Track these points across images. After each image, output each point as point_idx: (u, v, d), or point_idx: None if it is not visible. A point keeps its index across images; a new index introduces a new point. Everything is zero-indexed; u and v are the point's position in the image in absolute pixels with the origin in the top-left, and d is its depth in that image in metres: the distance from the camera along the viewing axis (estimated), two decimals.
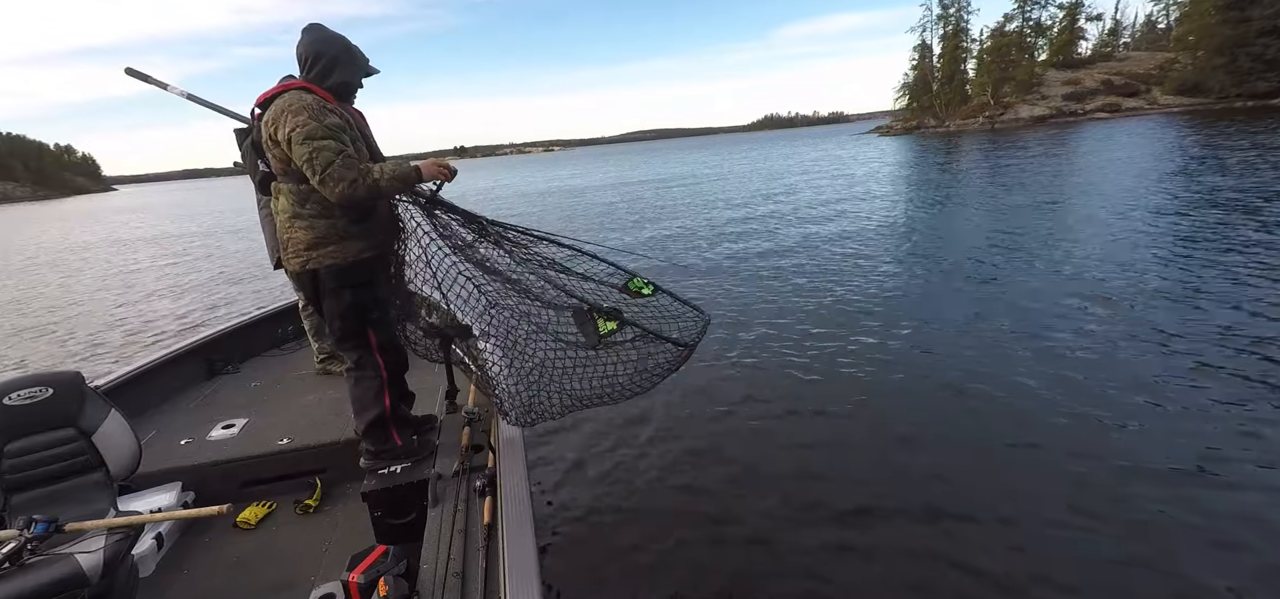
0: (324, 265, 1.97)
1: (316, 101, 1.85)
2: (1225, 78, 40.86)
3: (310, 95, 1.87)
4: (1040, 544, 2.71)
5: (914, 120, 59.35)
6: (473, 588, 1.62)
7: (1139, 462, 3.22)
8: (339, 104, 1.95)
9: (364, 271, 2.03)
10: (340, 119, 1.87)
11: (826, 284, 7.34)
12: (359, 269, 2.01)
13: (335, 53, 1.98)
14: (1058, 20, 54.67)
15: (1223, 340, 4.61)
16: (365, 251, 2.01)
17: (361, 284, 2.04)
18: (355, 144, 1.89)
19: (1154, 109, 44.51)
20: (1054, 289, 6.28)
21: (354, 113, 2.05)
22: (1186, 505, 2.86)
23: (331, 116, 1.84)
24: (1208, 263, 6.62)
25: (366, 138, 2.06)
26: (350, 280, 2.01)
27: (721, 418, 4.19)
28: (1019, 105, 49.45)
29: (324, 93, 1.92)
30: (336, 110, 1.90)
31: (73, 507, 1.81)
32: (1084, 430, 3.59)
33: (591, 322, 2.00)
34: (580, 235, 2.36)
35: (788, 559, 2.77)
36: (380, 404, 2.15)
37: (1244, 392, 3.82)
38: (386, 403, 2.16)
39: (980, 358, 4.75)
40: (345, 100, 2.04)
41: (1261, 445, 3.25)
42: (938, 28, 59.58)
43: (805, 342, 5.45)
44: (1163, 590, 2.43)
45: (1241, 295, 5.52)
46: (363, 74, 2.08)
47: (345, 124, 1.88)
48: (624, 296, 2.13)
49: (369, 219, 2.01)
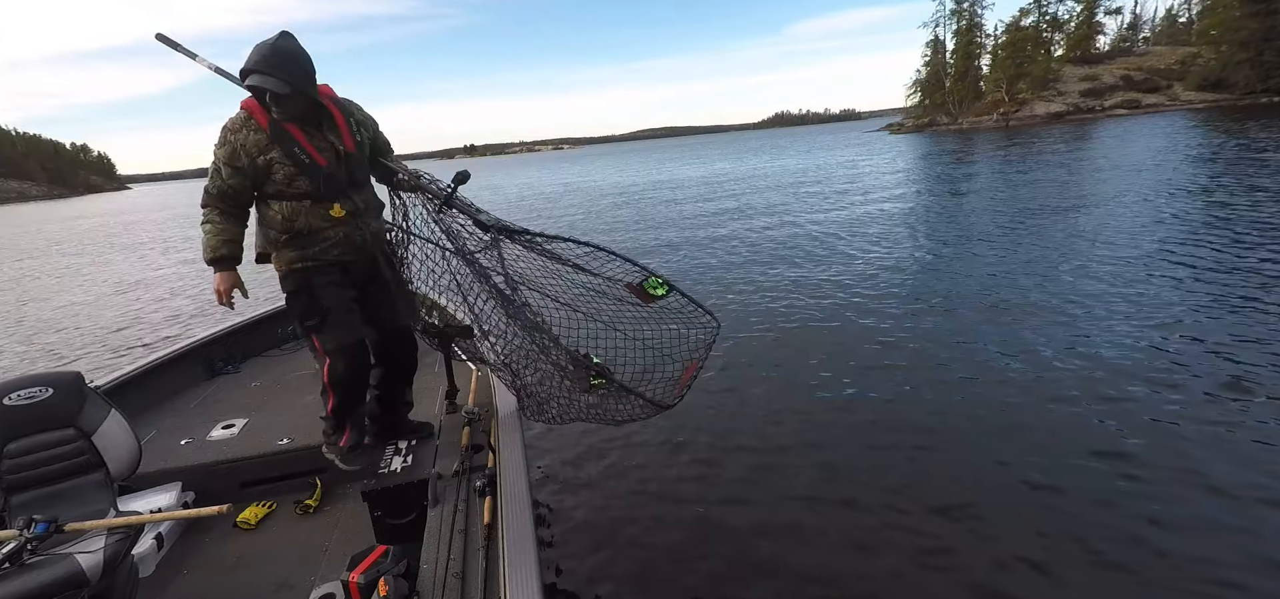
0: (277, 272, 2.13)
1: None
2: (1250, 73, 39.85)
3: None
4: (1063, 550, 2.64)
5: (926, 117, 58.62)
6: (473, 588, 1.61)
7: (1157, 467, 3.14)
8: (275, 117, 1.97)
9: (297, 280, 2.09)
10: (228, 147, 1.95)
11: (829, 288, 7.26)
12: (292, 277, 2.09)
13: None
14: (1075, 14, 53.67)
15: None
16: (296, 262, 2.07)
17: (296, 292, 2.11)
18: (239, 170, 1.96)
19: (1175, 105, 43.53)
20: (1082, 300, 6.14)
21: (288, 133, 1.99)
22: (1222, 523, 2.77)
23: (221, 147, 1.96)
24: (1248, 268, 6.42)
25: (327, 142, 2.03)
26: (287, 287, 2.12)
27: (722, 418, 4.15)
28: (1034, 102, 48.60)
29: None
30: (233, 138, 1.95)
31: (73, 507, 1.81)
32: (1099, 432, 3.51)
33: (584, 370, 2.06)
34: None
35: (788, 559, 2.75)
36: (324, 403, 2.26)
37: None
38: (328, 404, 2.23)
39: (1003, 368, 4.66)
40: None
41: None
42: (951, 23, 58.86)
43: (807, 346, 5.40)
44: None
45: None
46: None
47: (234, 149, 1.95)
48: (637, 298, 2.11)
49: (303, 234, 2.06)
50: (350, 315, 2.16)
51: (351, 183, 2.09)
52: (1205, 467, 3.10)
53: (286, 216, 2.03)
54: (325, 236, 2.07)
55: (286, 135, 1.97)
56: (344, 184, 2.06)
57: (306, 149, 1.99)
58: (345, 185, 2.07)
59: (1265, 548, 2.55)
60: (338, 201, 2.05)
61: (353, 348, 2.15)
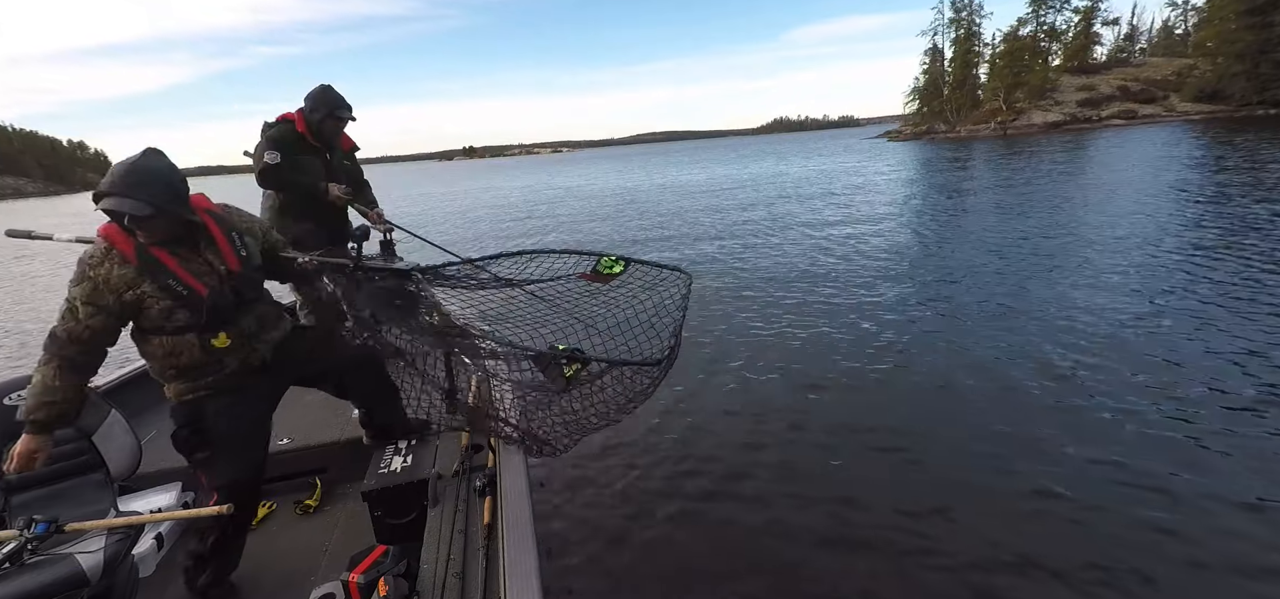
0: None
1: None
2: (1246, 85, 40.15)
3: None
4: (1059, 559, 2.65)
5: (925, 125, 58.88)
6: (473, 588, 1.62)
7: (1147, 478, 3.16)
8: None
9: (186, 413, 1.87)
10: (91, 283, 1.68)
11: (835, 295, 7.28)
12: (181, 410, 1.87)
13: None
14: (1073, 25, 54.08)
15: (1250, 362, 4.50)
16: (186, 393, 1.86)
17: (181, 426, 1.87)
18: (102, 309, 1.68)
19: (1171, 116, 43.82)
20: (1077, 310, 6.17)
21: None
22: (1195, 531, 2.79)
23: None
24: (1238, 281, 6.47)
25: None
26: (174, 420, 1.89)
27: (722, 420, 4.17)
28: (1032, 111, 48.88)
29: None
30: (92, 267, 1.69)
31: (73, 507, 1.81)
32: (1092, 437, 3.52)
33: (556, 366, 1.86)
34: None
35: (788, 559, 2.77)
36: (198, 538, 1.91)
37: None
38: (208, 540, 1.90)
39: (1000, 377, 4.68)
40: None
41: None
42: (950, 31, 59.24)
43: (810, 350, 5.41)
44: None
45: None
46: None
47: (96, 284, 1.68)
48: (595, 283, 2.01)
49: (191, 368, 1.84)
50: (252, 441, 1.95)
51: (240, 303, 1.87)
52: (1201, 474, 3.13)
53: (169, 351, 1.80)
54: (218, 367, 1.86)
55: (158, 265, 1.71)
56: (231, 308, 1.84)
57: (183, 278, 1.74)
58: (232, 309, 1.85)
59: (1259, 555, 2.57)
60: (223, 331, 1.82)
61: (245, 486, 1.90)
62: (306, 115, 3.05)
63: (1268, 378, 4.08)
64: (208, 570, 1.94)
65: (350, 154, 3.42)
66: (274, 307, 2.05)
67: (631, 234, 13.40)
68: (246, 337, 1.89)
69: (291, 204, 3.13)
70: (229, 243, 1.86)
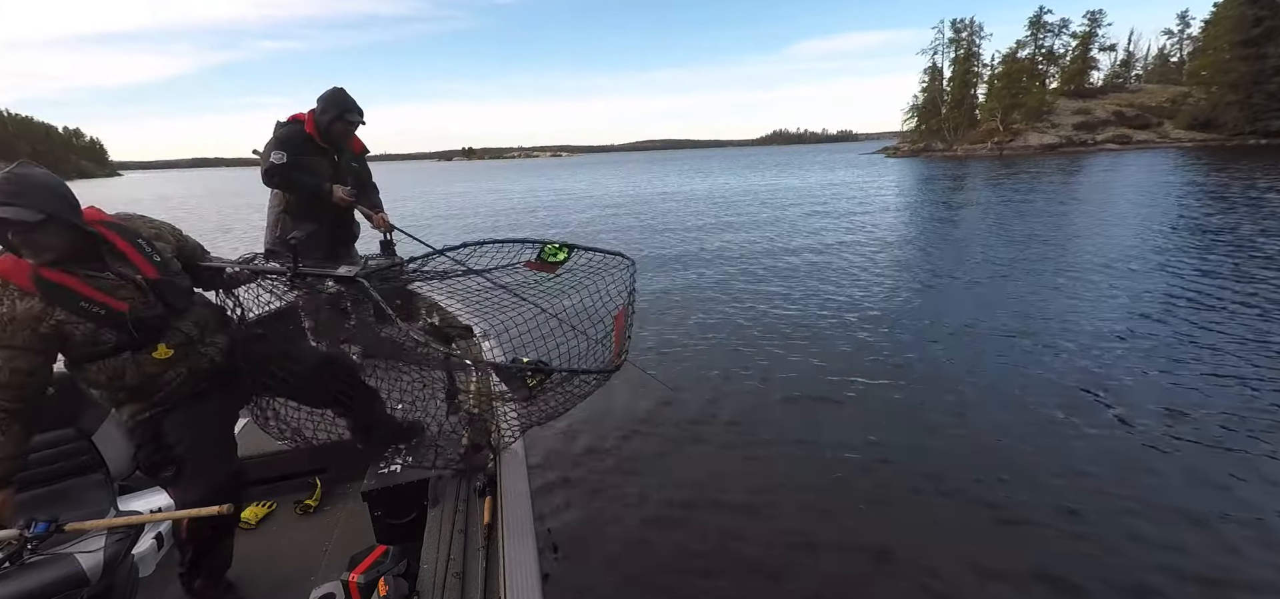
0: None
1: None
2: (1239, 114, 40.80)
3: None
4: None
5: (922, 143, 59.42)
6: (473, 588, 1.61)
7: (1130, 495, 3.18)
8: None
9: (144, 432, 1.76)
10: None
11: (833, 305, 7.31)
12: (139, 430, 1.75)
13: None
14: (1070, 49, 54.84)
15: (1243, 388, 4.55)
16: (141, 413, 1.73)
17: (141, 446, 1.77)
18: (21, 350, 1.51)
19: (1165, 143, 44.46)
20: (1074, 332, 6.23)
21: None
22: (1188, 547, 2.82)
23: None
24: (1228, 305, 6.56)
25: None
26: (133, 441, 1.79)
27: (722, 421, 4.20)
28: (1028, 132, 49.45)
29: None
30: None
31: (73, 507, 1.79)
32: (1089, 454, 3.54)
33: (519, 379, 1.84)
34: None
35: (788, 560, 2.79)
36: (179, 552, 1.85)
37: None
38: (184, 555, 1.85)
39: (994, 398, 4.71)
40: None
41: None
42: (949, 51, 59.92)
43: (810, 359, 5.42)
44: None
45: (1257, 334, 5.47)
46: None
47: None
48: (541, 274, 2.01)
49: (139, 387, 1.71)
50: (220, 445, 1.84)
51: (171, 312, 1.71)
52: (1188, 493, 3.15)
53: (111, 375, 1.64)
54: (166, 380, 1.72)
55: (60, 289, 1.52)
56: (163, 318, 1.68)
57: (94, 298, 1.56)
58: (165, 319, 1.69)
59: (1250, 571, 2.60)
60: (162, 342, 1.68)
61: (223, 492, 1.75)
62: (316, 117, 3.06)
63: (1268, 398, 4.12)
64: (201, 574, 1.92)
65: (360, 157, 3.43)
66: (213, 309, 1.91)
67: (650, 249, 13.44)
68: (190, 342, 1.75)
69: (296, 204, 3.14)
70: (138, 251, 1.68)
